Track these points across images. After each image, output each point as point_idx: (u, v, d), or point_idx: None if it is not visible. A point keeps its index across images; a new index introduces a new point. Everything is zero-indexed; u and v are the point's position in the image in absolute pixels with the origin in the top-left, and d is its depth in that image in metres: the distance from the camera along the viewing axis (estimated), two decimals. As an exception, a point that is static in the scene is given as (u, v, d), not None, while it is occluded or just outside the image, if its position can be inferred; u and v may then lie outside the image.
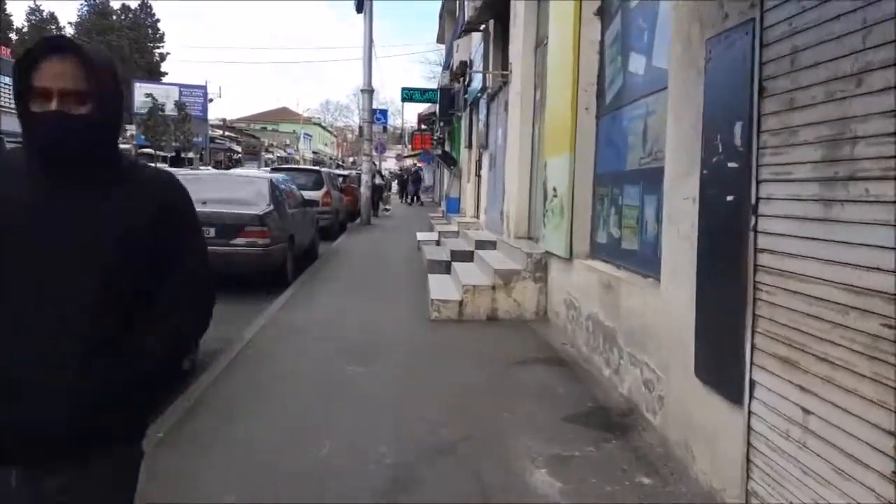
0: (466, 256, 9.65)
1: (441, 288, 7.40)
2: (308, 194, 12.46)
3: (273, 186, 9.26)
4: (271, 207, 8.66)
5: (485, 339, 5.97)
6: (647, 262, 4.29)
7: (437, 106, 21.55)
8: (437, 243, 12.67)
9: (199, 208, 7.34)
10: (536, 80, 8.38)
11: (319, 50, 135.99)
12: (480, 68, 12.05)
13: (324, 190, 15.17)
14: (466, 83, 14.44)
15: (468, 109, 15.36)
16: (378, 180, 20.25)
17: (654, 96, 4.31)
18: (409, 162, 54.31)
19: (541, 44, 8.29)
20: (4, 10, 54.34)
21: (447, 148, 22.58)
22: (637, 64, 4.71)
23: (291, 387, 4.52)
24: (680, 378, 3.40)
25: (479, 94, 12.65)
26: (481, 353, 5.51)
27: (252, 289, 8.48)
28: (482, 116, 12.17)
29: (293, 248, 9.48)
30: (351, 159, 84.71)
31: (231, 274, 8.63)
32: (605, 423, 4.01)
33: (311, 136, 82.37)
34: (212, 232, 8.01)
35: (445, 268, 9.69)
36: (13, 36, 53.65)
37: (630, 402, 4.19)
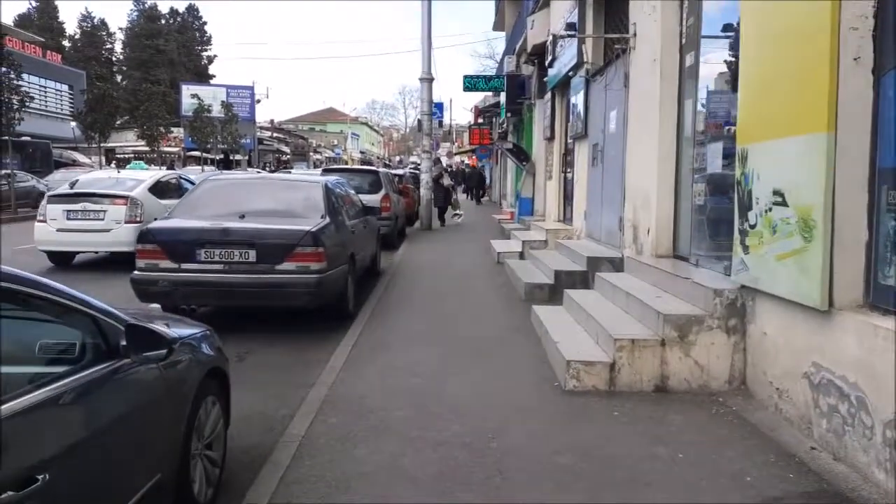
0: (579, 279, 7.44)
1: (569, 337, 5.18)
2: (365, 198, 10.43)
3: (328, 192, 7.22)
4: (327, 220, 6.61)
5: (671, 436, 3.73)
6: None
7: (503, 95, 19.33)
8: (522, 256, 10.46)
9: (236, 224, 4.44)
10: (684, 39, 6.08)
11: (365, 45, 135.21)
12: (573, 42, 9.77)
13: (382, 193, 13.15)
14: (548, 63, 12.18)
15: (548, 95, 13.06)
16: (447, 181, 17.15)
17: None
18: (457, 159, 52.28)
19: (690, -11, 5.99)
20: (58, 17, 54.79)
21: (513, 141, 20.25)
22: None
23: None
24: None
25: (570, 74, 10.36)
26: (684, 473, 3.28)
27: (303, 327, 6.47)
28: (577, 99, 9.89)
29: (354, 269, 7.43)
30: (397, 158, 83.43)
31: (276, 309, 6.68)
32: None
33: (358, 135, 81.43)
34: (251, 255, 6.04)
35: (549, 293, 7.50)
36: (66, 43, 54.01)
37: None
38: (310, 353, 5.75)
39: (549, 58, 12.05)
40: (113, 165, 29.82)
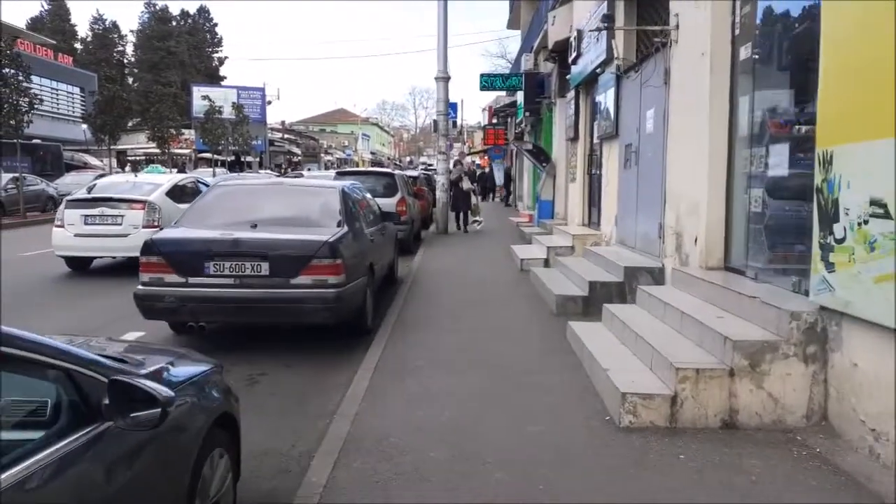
0: (615, 291, 6.92)
1: (618, 363, 4.64)
2: (380, 202, 9.93)
3: (345, 198, 6.73)
4: (345, 229, 6.12)
5: (753, 489, 3.19)
6: None
7: (520, 94, 18.80)
8: (547, 263, 9.94)
9: (247, 234, 3.80)
10: (737, 30, 5.53)
11: (375, 45, 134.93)
12: (601, 37, 9.22)
13: (398, 196, 12.66)
14: (572, 60, 11.65)
15: (571, 93, 12.51)
16: (467, 184, 16.13)
17: None
18: (468, 159, 51.73)
19: (745, -24, 5.44)
20: (69, 19, 54.81)
21: (532, 141, 19.69)
22: None
23: None
24: None
25: (598, 70, 9.81)
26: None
27: (319, 344, 5.98)
28: (606, 97, 9.35)
29: (373, 281, 6.94)
30: (408, 158, 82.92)
31: (291, 326, 6.19)
32: None
33: (368, 136, 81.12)
34: (264, 268, 5.56)
35: (583, 306, 6.98)
36: (78, 45, 54.00)
37: None
38: (328, 375, 5.27)
39: (573, 54, 11.51)
40: (128, 169, 29.56)
